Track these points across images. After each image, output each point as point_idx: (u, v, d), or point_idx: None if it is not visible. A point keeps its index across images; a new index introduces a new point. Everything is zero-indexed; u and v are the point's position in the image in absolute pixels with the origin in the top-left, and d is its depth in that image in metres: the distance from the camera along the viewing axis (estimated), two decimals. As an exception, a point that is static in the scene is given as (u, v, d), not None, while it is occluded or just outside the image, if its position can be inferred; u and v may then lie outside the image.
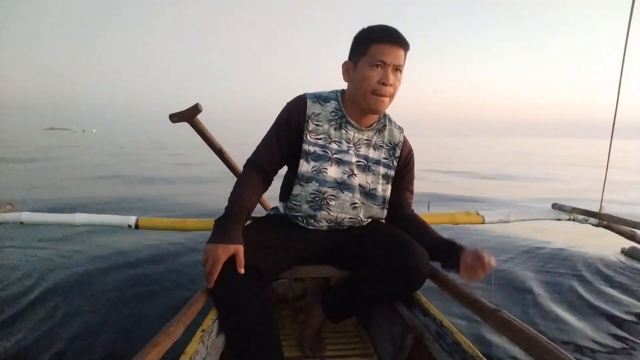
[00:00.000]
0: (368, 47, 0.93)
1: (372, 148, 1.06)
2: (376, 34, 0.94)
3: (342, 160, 1.02)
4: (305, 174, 1.01)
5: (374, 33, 0.94)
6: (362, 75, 0.94)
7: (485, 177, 8.22)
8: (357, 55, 0.97)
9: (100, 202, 4.40)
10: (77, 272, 2.10)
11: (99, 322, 1.56)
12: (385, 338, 1.15)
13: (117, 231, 2.83)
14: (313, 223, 1.05)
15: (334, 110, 1.03)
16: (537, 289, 1.96)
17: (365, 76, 0.94)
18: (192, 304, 0.82)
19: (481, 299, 0.80)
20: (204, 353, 0.81)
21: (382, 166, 1.07)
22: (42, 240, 2.65)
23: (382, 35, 0.93)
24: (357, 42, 0.97)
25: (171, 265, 2.26)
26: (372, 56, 0.93)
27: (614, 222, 1.72)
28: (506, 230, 3.11)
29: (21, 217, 1.58)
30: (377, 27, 0.95)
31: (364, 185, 1.05)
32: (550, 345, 0.58)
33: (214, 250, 0.85)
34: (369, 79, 0.93)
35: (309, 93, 1.05)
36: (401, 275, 0.94)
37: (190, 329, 0.78)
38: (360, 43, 0.96)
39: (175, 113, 1.38)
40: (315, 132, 1.01)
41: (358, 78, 0.96)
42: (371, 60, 0.93)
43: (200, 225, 1.56)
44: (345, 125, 1.03)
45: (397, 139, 1.10)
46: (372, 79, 0.93)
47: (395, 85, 0.96)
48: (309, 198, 1.01)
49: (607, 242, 2.77)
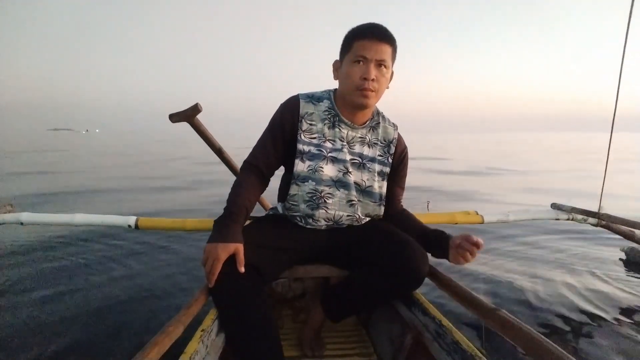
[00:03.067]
0: (352, 44, 0.95)
1: (366, 145, 1.07)
2: (359, 30, 0.95)
3: (337, 159, 1.03)
4: (301, 173, 1.01)
5: (357, 30, 0.96)
6: (346, 72, 0.97)
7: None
8: (343, 53, 0.99)
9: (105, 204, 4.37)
10: (76, 272, 2.10)
11: (97, 322, 1.57)
12: (384, 337, 1.16)
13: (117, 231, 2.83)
14: (311, 222, 1.06)
15: (327, 109, 1.03)
16: (537, 289, 1.96)
17: (348, 72, 0.96)
18: (192, 304, 0.82)
19: (481, 298, 0.81)
20: (204, 352, 0.81)
21: (377, 163, 1.07)
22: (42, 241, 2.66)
23: (364, 31, 0.94)
24: (344, 41, 0.99)
25: (171, 266, 2.26)
26: (354, 52, 0.94)
27: (613, 221, 1.72)
28: (505, 230, 3.12)
29: (21, 217, 1.58)
30: (362, 25, 0.97)
31: (359, 183, 1.06)
32: (549, 345, 0.59)
33: (214, 249, 0.85)
34: (352, 74, 0.95)
35: (302, 93, 1.06)
36: (400, 274, 0.94)
37: (190, 329, 0.78)
38: (346, 41, 0.98)
39: (175, 113, 1.38)
40: (309, 131, 1.02)
41: (343, 75, 0.99)
42: (353, 56, 0.94)
43: (200, 225, 1.56)
44: (339, 124, 1.03)
45: (392, 135, 1.10)
46: (355, 74, 0.94)
47: (380, 81, 0.96)
48: (307, 197, 1.02)
49: (606, 241, 2.78)
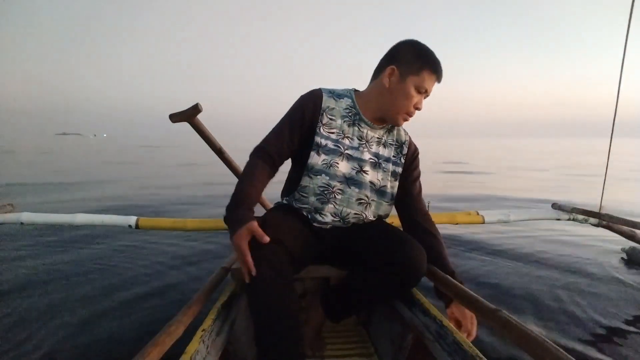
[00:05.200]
0: (422, 70, 0.96)
1: (382, 146, 1.09)
2: (432, 62, 0.97)
3: (353, 157, 1.04)
4: (315, 166, 1.01)
5: (430, 60, 0.97)
6: (406, 93, 0.98)
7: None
8: (408, 70, 0.97)
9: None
10: (75, 272, 2.10)
11: (95, 322, 1.57)
12: (385, 337, 1.16)
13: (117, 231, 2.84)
14: (318, 218, 1.04)
15: (347, 107, 1.05)
16: (537, 289, 1.96)
17: (408, 95, 0.98)
18: (193, 304, 0.82)
19: (481, 299, 0.80)
20: (204, 352, 0.81)
21: (391, 163, 1.09)
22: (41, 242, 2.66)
23: (436, 67, 0.97)
24: (411, 56, 0.98)
25: (170, 266, 2.27)
26: (422, 81, 0.97)
27: (614, 222, 1.72)
28: (506, 230, 3.12)
29: (21, 218, 1.58)
30: (433, 56, 0.98)
31: (374, 182, 1.06)
32: (550, 345, 0.58)
33: (235, 242, 0.84)
34: (410, 99, 0.98)
35: (324, 88, 1.06)
36: (398, 271, 0.93)
37: (190, 329, 0.78)
38: (415, 59, 0.97)
39: (176, 113, 1.38)
40: (329, 125, 1.02)
41: (401, 92, 0.98)
42: (420, 85, 0.97)
43: (201, 226, 1.56)
44: (359, 123, 1.05)
45: (404, 138, 1.13)
46: (412, 100, 0.99)
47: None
48: (318, 191, 1.01)
49: (607, 241, 2.78)
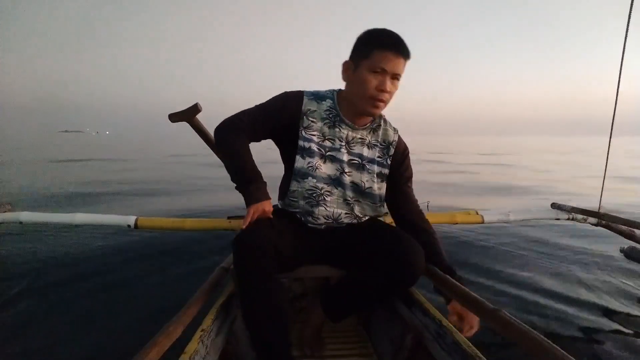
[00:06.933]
0: (371, 52, 0.93)
1: (366, 147, 1.07)
2: (381, 40, 0.93)
3: (335, 158, 1.04)
4: (301, 169, 1.02)
5: (379, 38, 0.93)
6: (361, 79, 0.95)
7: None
8: (359, 58, 0.96)
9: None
10: (74, 272, 2.10)
11: (95, 322, 1.56)
12: (384, 338, 1.16)
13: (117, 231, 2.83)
14: (311, 220, 1.05)
15: (328, 108, 1.04)
16: (537, 289, 1.96)
17: (364, 80, 0.94)
18: (192, 304, 0.82)
19: (481, 298, 0.80)
20: (204, 352, 0.81)
21: (376, 165, 1.08)
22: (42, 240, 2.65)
23: (386, 42, 0.93)
24: (361, 44, 0.97)
25: (170, 266, 2.26)
26: (374, 62, 0.93)
27: (613, 221, 1.72)
28: (505, 229, 3.12)
29: (20, 217, 1.57)
30: (384, 33, 0.94)
31: (358, 184, 1.06)
32: (549, 345, 0.58)
33: (261, 205, 0.96)
34: (368, 83, 0.94)
35: (307, 91, 1.06)
36: (396, 269, 0.93)
37: (190, 329, 0.78)
38: (364, 45, 0.95)
39: (175, 113, 1.38)
40: (310, 128, 1.02)
41: (357, 80, 0.97)
42: (372, 65, 0.93)
43: (199, 225, 1.55)
44: (339, 124, 1.04)
45: (392, 138, 1.10)
46: (371, 84, 0.94)
47: (391, 92, 0.97)
48: (306, 194, 1.02)
49: (606, 241, 2.78)
